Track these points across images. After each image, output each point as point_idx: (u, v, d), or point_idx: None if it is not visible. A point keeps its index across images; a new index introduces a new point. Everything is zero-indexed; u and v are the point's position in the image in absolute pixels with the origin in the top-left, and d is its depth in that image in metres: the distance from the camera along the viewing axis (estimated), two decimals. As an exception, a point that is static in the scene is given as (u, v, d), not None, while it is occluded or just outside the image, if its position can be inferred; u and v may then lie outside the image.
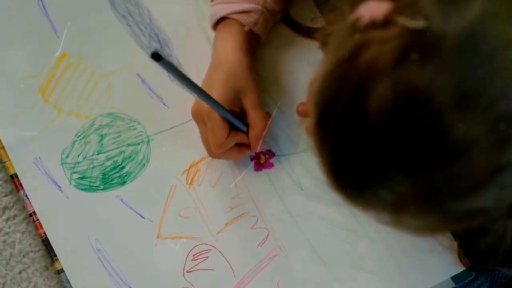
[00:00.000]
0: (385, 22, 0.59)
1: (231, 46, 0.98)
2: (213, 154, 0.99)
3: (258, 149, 0.99)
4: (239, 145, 1.00)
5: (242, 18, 0.98)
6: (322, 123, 0.62)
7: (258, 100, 0.97)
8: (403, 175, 0.58)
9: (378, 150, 0.58)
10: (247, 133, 0.98)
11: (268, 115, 1.01)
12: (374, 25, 0.60)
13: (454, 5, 0.57)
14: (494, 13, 0.57)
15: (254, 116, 0.97)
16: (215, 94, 0.92)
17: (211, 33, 1.03)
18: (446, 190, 0.59)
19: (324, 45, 0.84)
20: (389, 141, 0.57)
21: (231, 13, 0.98)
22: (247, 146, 1.00)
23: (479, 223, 0.64)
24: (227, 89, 0.95)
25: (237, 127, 0.97)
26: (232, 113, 0.95)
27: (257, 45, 1.03)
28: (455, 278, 1.00)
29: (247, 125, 0.98)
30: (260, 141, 0.98)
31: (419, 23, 0.56)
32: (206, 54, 1.03)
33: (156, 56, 0.70)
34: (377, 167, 0.59)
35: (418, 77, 0.55)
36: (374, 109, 0.57)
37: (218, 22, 1.01)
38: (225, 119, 0.94)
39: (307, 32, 1.06)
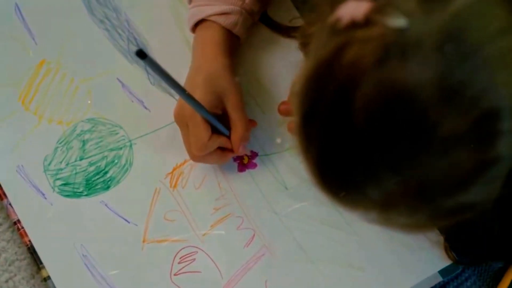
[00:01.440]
0: (366, 22, 0.59)
1: (211, 49, 0.98)
2: (194, 157, 0.99)
3: (241, 152, 0.99)
4: (222, 149, 0.99)
5: (221, 19, 0.98)
6: (307, 123, 0.63)
7: (240, 102, 0.97)
8: (391, 173, 0.59)
9: (365, 149, 0.58)
10: (229, 137, 0.98)
11: (252, 122, 1.02)
12: (355, 25, 0.60)
13: (434, 2, 0.57)
14: (474, 8, 0.58)
15: (236, 119, 0.97)
16: (197, 97, 0.92)
17: (190, 36, 1.03)
18: (434, 187, 0.59)
19: (303, 45, 0.84)
20: (376, 140, 0.57)
21: (210, 15, 0.97)
22: (230, 150, 1.00)
23: (467, 218, 0.64)
24: (208, 92, 0.95)
25: (220, 131, 0.97)
26: (214, 116, 0.95)
27: (237, 46, 1.03)
28: (442, 272, 1.00)
29: (229, 128, 0.98)
30: (243, 144, 0.98)
31: (400, 21, 0.57)
32: (185, 57, 1.02)
33: (141, 54, 0.70)
34: (365, 166, 0.59)
35: (401, 75, 0.56)
36: (359, 109, 0.57)
37: (197, 25, 1.00)
38: (207, 122, 0.94)
39: (287, 32, 1.06)
